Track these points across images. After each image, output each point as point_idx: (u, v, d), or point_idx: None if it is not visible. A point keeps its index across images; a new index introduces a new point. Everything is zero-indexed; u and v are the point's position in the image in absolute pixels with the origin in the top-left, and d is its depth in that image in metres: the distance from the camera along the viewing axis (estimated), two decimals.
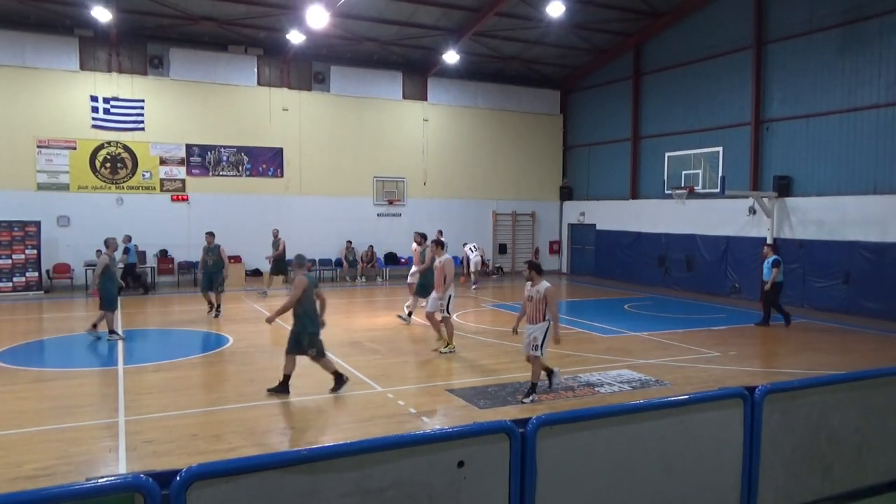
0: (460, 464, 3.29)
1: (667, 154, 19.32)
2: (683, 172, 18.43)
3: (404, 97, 24.38)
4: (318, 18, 18.05)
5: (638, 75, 23.52)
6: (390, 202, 24.23)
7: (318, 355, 8.60)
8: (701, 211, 20.47)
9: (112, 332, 12.23)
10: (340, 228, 23.22)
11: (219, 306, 15.29)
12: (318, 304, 8.62)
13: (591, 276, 25.37)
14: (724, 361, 10.88)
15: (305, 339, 8.47)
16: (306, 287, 8.37)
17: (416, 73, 24.41)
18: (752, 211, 18.88)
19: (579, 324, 14.54)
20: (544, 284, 8.31)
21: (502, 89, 25.93)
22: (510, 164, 26.27)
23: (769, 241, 18.21)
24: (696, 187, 17.99)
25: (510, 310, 16.74)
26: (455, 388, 9.03)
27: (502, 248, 26.38)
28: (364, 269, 23.40)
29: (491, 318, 15.58)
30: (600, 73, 25.37)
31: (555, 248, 27.50)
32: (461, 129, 25.43)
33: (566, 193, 27.18)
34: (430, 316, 11.75)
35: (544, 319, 8.24)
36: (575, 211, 26.70)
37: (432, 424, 7.67)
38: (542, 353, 8.30)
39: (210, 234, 15.78)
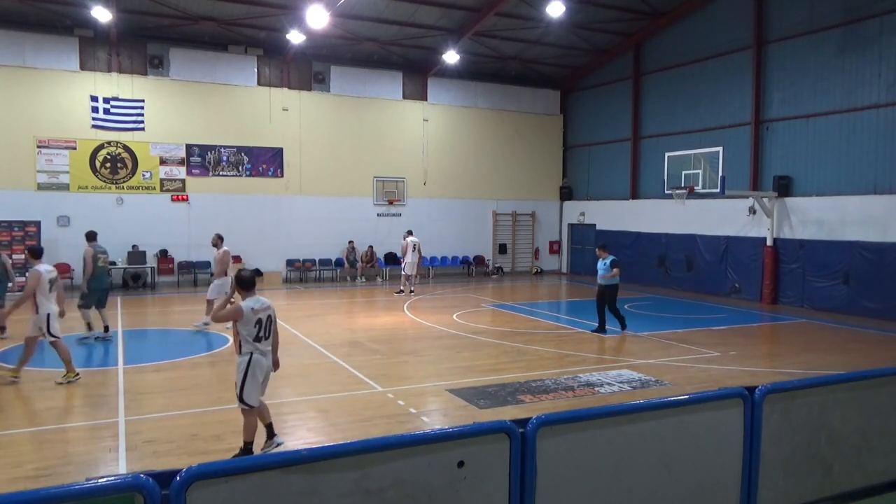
0: (460, 464, 3.28)
1: (667, 154, 19.32)
2: (683, 172, 18.42)
3: (404, 97, 24.38)
4: (318, 18, 18.06)
5: (638, 75, 23.53)
6: (390, 202, 24.23)
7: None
8: (701, 211, 20.48)
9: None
10: (341, 228, 23.22)
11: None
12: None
13: (590, 275, 25.35)
14: (723, 361, 10.88)
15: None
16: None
17: (416, 73, 24.41)
18: (753, 211, 18.89)
19: (579, 324, 14.53)
20: None
21: (502, 89, 25.93)
22: (510, 164, 26.28)
23: (769, 242, 18.23)
24: (696, 187, 17.99)
25: (510, 310, 16.74)
26: (455, 388, 9.03)
27: (502, 248, 26.38)
28: (364, 269, 23.40)
29: (490, 318, 15.59)
30: (600, 73, 25.38)
31: (555, 248, 27.50)
32: (461, 130, 25.43)
33: (566, 193, 27.18)
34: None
35: None
36: (575, 211, 26.70)
37: (432, 424, 7.67)
38: None
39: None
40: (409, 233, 20.17)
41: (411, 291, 19.57)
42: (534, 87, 26.49)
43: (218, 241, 13.84)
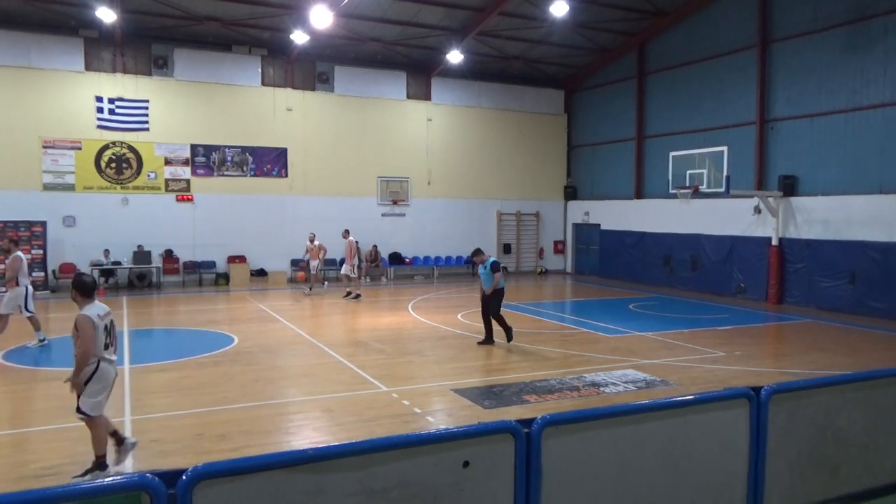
0: (465, 464, 3.28)
1: (671, 154, 19.28)
2: (688, 172, 18.39)
3: (408, 97, 24.39)
4: (321, 19, 18.08)
5: (642, 75, 23.49)
6: (395, 202, 24.24)
7: None
8: (706, 211, 20.42)
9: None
10: (345, 228, 23.20)
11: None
12: None
13: (595, 275, 25.34)
14: (729, 361, 10.85)
15: None
16: None
17: (420, 72, 24.42)
18: (758, 210, 18.83)
19: (584, 324, 14.52)
20: None
21: (506, 89, 25.93)
22: (514, 163, 26.26)
23: (774, 242, 18.17)
24: (700, 187, 17.95)
25: (515, 310, 16.73)
26: (460, 388, 9.03)
27: (507, 248, 26.37)
28: (368, 269, 23.41)
29: None
30: (604, 72, 25.35)
31: (559, 247, 27.47)
32: (465, 129, 25.43)
33: (570, 193, 27.15)
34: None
35: None
36: (579, 211, 26.67)
37: (437, 424, 7.67)
38: None
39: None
40: (348, 232, 19.43)
41: (348, 294, 18.63)
42: (538, 86, 26.47)
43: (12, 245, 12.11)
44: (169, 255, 21.06)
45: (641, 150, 23.68)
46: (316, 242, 19.40)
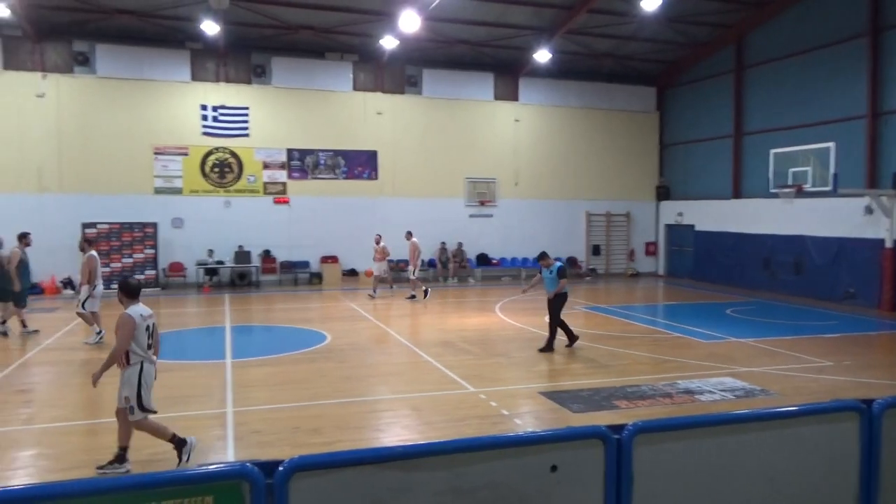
0: (553, 468, 3.26)
1: (772, 151, 18.31)
2: (791, 170, 17.41)
3: (496, 98, 24.40)
4: (410, 23, 18.39)
5: (740, 69, 22.43)
6: (482, 203, 24.31)
7: None
8: (810, 211, 19.22)
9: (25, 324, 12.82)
10: (433, 230, 23.49)
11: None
12: None
13: (689, 278, 24.43)
14: (837, 371, 10.19)
15: None
16: None
17: (508, 73, 24.36)
18: (870, 210, 17.56)
19: (677, 328, 14.04)
20: None
21: (595, 87, 25.44)
22: (604, 163, 25.73)
23: (888, 244, 16.89)
24: (804, 185, 16.94)
25: (604, 312, 16.40)
26: (548, 391, 8.95)
27: (596, 250, 25.87)
28: (456, 269, 23.57)
29: (583, 320, 15.32)
30: (699, 67, 24.38)
31: (651, 249, 26.67)
32: (553, 129, 25.16)
33: (663, 193, 26.30)
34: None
35: None
36: (672, 211, 25.79)
37: (525, 427, 7.64)
38: None
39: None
40: (411, 234, 19.22)
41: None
42: (628, 84, 25.81)
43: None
44: (267, 255, 22.04)
45: (739, 147, 22.62)
46: (381, 244, 19.16)
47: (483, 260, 24.30)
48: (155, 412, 6.27)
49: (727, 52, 22.91)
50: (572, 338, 11.67)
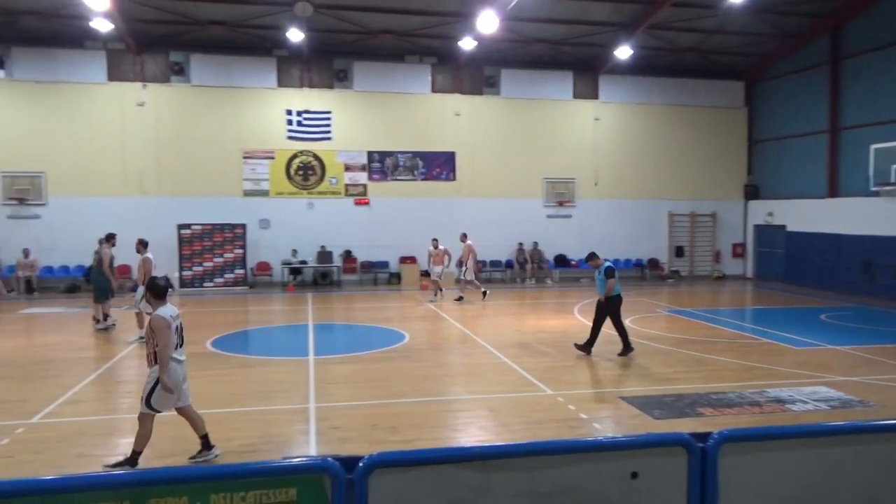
0: (634, 475, 3.19)
1: (872, 147, 17.23)
2: (894, 167, 16.29)
3: (575, 96, 24.06)
4: (488, 23, 18.41)
5: (836, 60, 21.16)
6: (560, 203, 24.03)
7: None
8: None
9: (100, 320, 13.59)
10: (510, 230, 23.43)
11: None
12: None
13: (780, 281, 23.27)
14: None
15: None
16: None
17: (587, 71, 23.97)
18: None
19: (767, 333, 13.40)
20: None
21: (679, 83, 24.64)
22: (688, 161, 24.89)
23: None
24: None
25: (688, 316, 15.88)
26: (628, 396, 8.75)
27: (679, 251, 25.06)
28: (534, 270, 23.39)
29: (665, 324, 14.89)
30: (791, 60, 23.17)
31: (738, 251, 25.58)
32: (634, 127, 24.56)
33: (751, 192, 25.16)
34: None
35: None
36: (761, 211, 24.63)
37: (604, 431, 7.51)
38: None
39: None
40: (466, 236, 19.04)
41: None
42: (714, 79, 24.84)
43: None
44: (348, 256, 22.60)
45: (836, 143, 21.34)
46: (441, 247, 18.81)
47: (561, 261, 24.01)
48: (159, 412, 6.25)
49: (821, 43, 21.67)
50: (628, 347, 11.17)
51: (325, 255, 22.17)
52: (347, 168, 22.57)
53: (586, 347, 11.24)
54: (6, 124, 20.38)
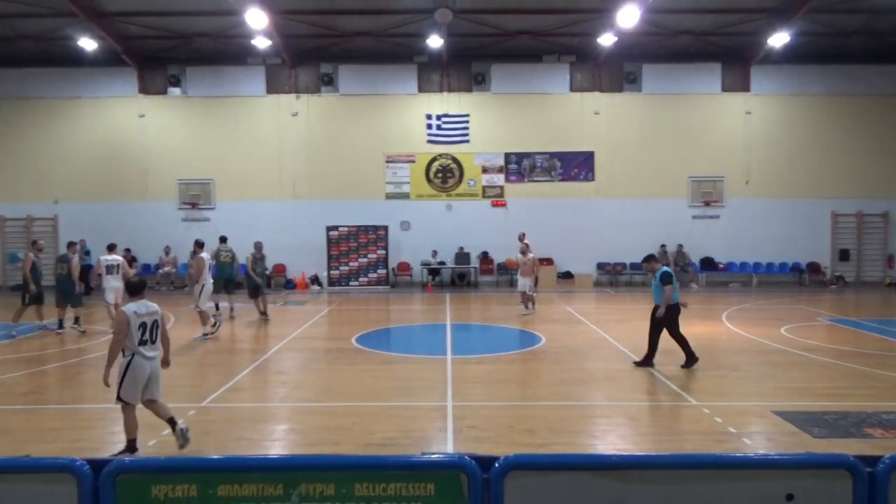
0: (789, 497, 2.97)
1: None
2: None
3: (723, 90, 22.72)
4: (629, 18, 17.85)
5: None
6: (707, 203, 22.77)
7: None
8: None
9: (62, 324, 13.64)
10: (652, 232, 22.55)
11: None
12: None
13: None
14: None
15: None
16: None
17: (737, 62, 22.53)
18: None
19: None
20: None
21: (842, 70, 22.48)
22: (854, 156, 22.65)
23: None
24: None
25: (853, 326, 14.45)
26: (782, 411, 8.11)
27: (843, 255, 22.85)
28: (677, 273, 22.30)
29: (827, 334, 13.64)
30: None
31: None
32: (791, 120, 22.75)
33: None
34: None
35: None
36: None
37: (755, 448, 7.01)
38: None
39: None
40: (525, 239, 16.96)
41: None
42: (886, 63, 22.38)
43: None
44: (485, 257, 22.85)
45: None
46: (530, 255, 16.27)
47: (708, 264, 22.74)
48: (130, 404, 6.32)
49: None
50: (692, 358, 10.29)
51: (462, 257, 22.57)
52: (485, 170, 22.83)
53: (646, 361, 10.55)
54: (182, 137, 22.72)
